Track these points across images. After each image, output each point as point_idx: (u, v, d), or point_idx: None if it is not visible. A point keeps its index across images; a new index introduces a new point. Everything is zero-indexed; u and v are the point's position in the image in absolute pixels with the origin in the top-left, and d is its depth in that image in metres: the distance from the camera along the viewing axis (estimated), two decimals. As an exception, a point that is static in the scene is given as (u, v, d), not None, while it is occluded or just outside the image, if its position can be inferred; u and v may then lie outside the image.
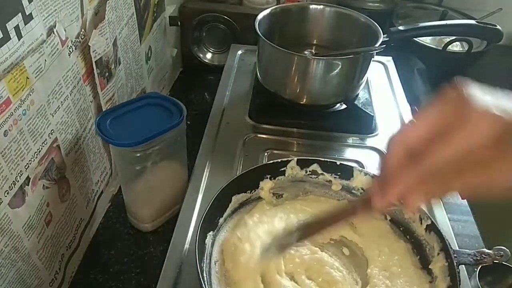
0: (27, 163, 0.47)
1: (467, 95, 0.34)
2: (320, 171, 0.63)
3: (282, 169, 0.62)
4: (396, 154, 0.36)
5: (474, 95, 0.34)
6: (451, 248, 0.52)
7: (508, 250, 0.52)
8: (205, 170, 0.70)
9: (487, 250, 0.52)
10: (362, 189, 0.62)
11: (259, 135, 0.79)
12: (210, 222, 0.55)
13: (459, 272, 0.49)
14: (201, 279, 0.46)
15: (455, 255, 0.51)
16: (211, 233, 0.55)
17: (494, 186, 0.34)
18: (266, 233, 0.55)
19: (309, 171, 0.63)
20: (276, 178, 0.62)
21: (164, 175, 0.65)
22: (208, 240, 0.54)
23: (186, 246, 0.59)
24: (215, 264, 0.54)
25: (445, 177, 0.34)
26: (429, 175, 0.35)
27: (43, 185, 0.51)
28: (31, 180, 0.48)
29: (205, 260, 0.52)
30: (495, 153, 0.33)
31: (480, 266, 0.58)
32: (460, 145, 0.33)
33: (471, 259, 0.52)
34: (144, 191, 0.64)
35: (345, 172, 0.62)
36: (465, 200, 0.72)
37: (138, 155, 0.59)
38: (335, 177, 0.62)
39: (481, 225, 0.70)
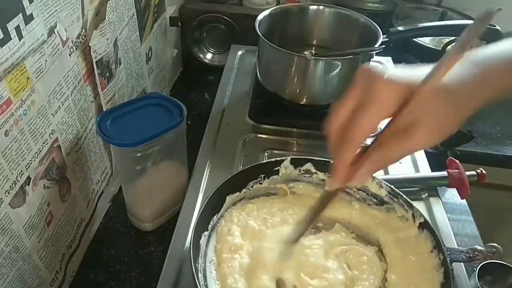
0: (28, 163, 0.47)
1: (374, 73, 0.39)
2: (313, 170, 0.63)
3: (276, 168, 0.62)
4: (333, 138, 0.41)
5: (380, 72, 0.39)
6: (444, 245, 0.52)
7: (500, 247, 0.52)
8: (205, 170, 0.71)
9: (479, 247, 0.53)
10: (355, 187, 0.62)
11: (259, 135, 0.79)
12: (204, 222, 0.55)
13: (452, 270, 0.50)
14: (196, 279, 0.47)
15: (448, 252, 0.51)
16: (205, 233, 0.55)
17: (412, 150, 0.39)
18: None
19: (303, 171, 0.63)
20: (270, 178, 0.62)
21: (164, 175, 0.65)
22: (203, 241, 0.54)
23: (186, 245, 0.59)
24: (210, 263, 0.54)
25: (374, 150, 0.39)
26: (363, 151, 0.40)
27: (44, 185, 0.51)
28: (31, 180, 0.48)
29: (199, 261, 0.52)
30: (407, 119, 0.38)
31: (479, 266, 0.58)
32: (371, 118, 0.38)
33: (464, 256, 0.53)
34: (145, 191, 0.65)
35: None
36: (464, 200, 0.72)
37: (139, 155, 0.59)
38: (328, 176, 0.63)
39: (480, 225, 0.70)
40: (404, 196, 0.58)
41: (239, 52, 1.02)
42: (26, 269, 0.49)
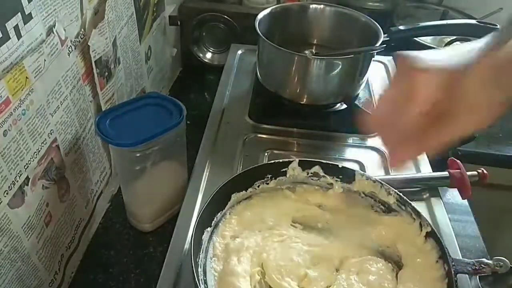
0: (27, 163, 0.47)
1: (412, 63, 0.41)
2: (321, 174, 0.62)
3: (284, 169, 0.62)
4: (374, 125, 0.47)
5: (418, 62, 0.41)
6: (450, 256, 0.51)
7: (507, 260, 0.51)
8: (205, 170, 0.70)
9: (486, 260, 0.52)
10: (364, 193, 0.61)
11: (259, 135, 0.79)
12: (208, 218, 0.55)
13: (456, 281, 0.49)
14: (195, 273, 0.46)
15: (453, 263, 0.50)
16: (208, 229, 0.55)
17: (459, 135, 0.40)
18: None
19: (311, 173, 0.63)
20: (277, 179, 0.62)
21: (164, 175, 0.65)
22: (205, 236, 0.54)
23: (186, 246, 0.58)
24: (211, 259, 0.54)
25: (419, 136, 0.41)
26: (407, 135, 0.42)
27: (43, 185, 0.51)
28: (30, 180, 0.48)
29: (200, 255, 0.52)
30: (451, 105, 0.39)
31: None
32: (419, 104, 0.40)
33: (470, 269, 0.51)
34: (144, 191, 0.64)
35: (347, 175, 0.62)
36: (465, 200, 0.71)
37: (138, 155, 0.58)
38: (336, 180, 0.62)
39: (482, 225, 0.70)
40: (412, 204, 0.57)
41: (239, 52, 1.02)
42: (25, 269, 0.49)
